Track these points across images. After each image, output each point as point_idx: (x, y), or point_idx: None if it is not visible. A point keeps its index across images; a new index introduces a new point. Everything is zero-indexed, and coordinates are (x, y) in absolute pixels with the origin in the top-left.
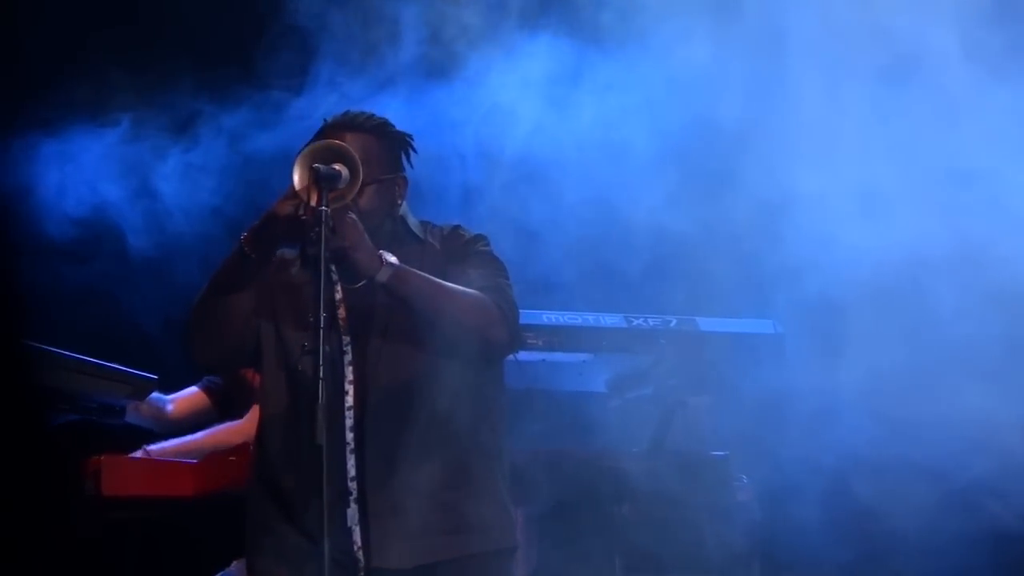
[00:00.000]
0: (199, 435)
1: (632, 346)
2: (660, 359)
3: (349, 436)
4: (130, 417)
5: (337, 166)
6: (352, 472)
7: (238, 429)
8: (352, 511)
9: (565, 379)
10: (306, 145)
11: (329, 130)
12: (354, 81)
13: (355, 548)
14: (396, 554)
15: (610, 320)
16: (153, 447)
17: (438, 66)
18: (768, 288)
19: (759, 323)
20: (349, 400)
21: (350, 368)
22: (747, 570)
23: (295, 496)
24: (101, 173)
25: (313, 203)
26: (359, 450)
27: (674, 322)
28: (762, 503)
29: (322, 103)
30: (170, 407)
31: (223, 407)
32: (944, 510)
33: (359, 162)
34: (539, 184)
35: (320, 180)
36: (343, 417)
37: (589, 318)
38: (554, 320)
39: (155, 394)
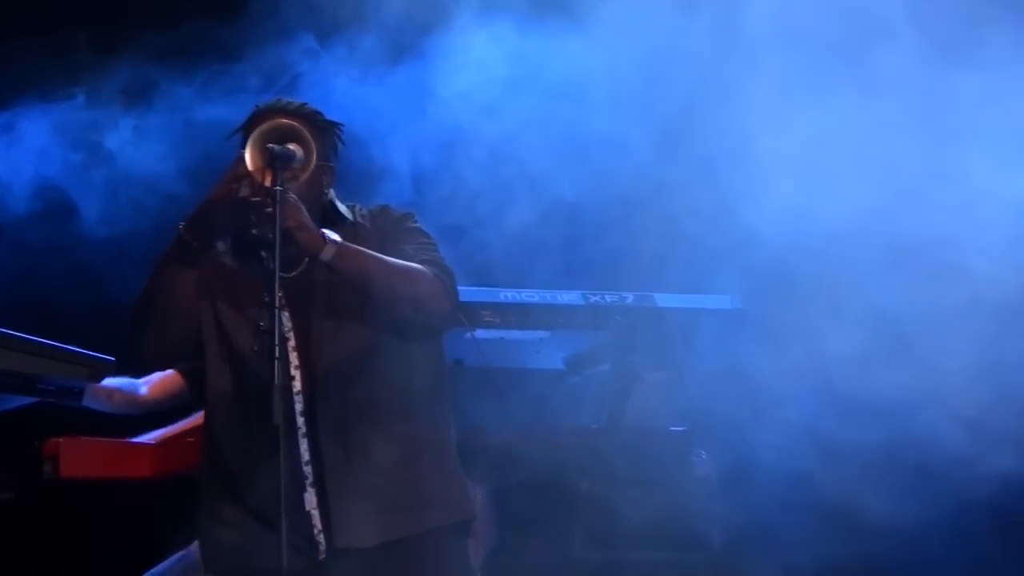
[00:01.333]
0: (180, 424)
1: (589, 323)
2: (617, 335)
3: (300, 420)
4: (102, 406)
5: (291, 146)
6: (306, 456)
7: None
8: (309, 495)
9: (523, 356)
10: (241, 129)
11: (262, 115)
12: (318, 59)
13: (315, 532)
14: (358, 533)
15: (567, 297)
16: (136, 440)
17: (398, 48)
18: (725, 262)
19: (717, 298)
20: (297, 384)
21: (295, 353)
22: (707, 545)
23: (248, 484)
24: (54, 147)
25: (268, 183)
26: (311, 433)
27: (631, 298)
28: (721, 478)
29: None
30: (144, 390)
31: (199, 387)
32: (903, 482)
33: (313, 142)
34: (494, 163)
35: (275, 160)
36: (292, 401)
37: (546, 295)
38: (511, 298)
39: (127, 380)
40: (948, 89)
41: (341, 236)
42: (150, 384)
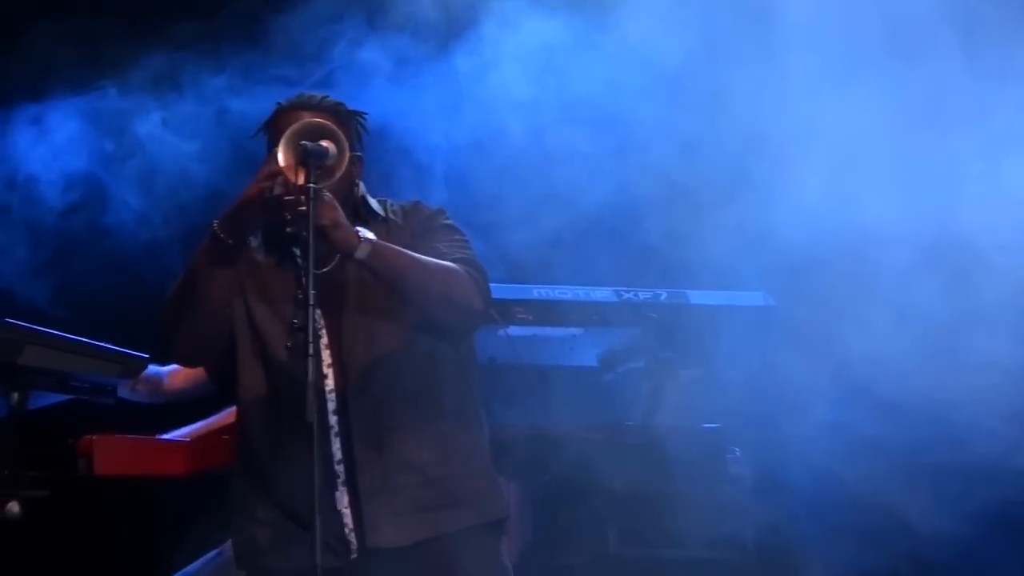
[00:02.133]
0: (211, 419)
1: (623, 319)
2: (651, 332)
3: (333, 419)
4: (125, 393)
5: (324, 143)
6: (338, 455)
7: None
8: (340, 494)
9: (556, 353)
10: (265, 126)
11: (285, 111)
12: (356, 52)
13: (346, 531)
14: (390, 533)
15: (600, 294)
16: (166, 437)
17: (430, 44)
18: (755, 259)
19: (749, 295)
20: (330, 383)
21: (327, 351)
22: (740, 543)
23: (280, 482)
24: (84, 138)
25: (300, 181)
26: (344, 432)
27: (664, 295)
28: (755, 475)
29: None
30: (167, 379)
31: (220, 377)
32: (939, 480)
33: (345, 138)
34: (526, 159)
35: (308, 157)
36: (325, 400)
37: (579, 292)
38: (545, 295)
39: (151, 369)
40: (984, 91)
41: (374, 232)
42: (173, 373)
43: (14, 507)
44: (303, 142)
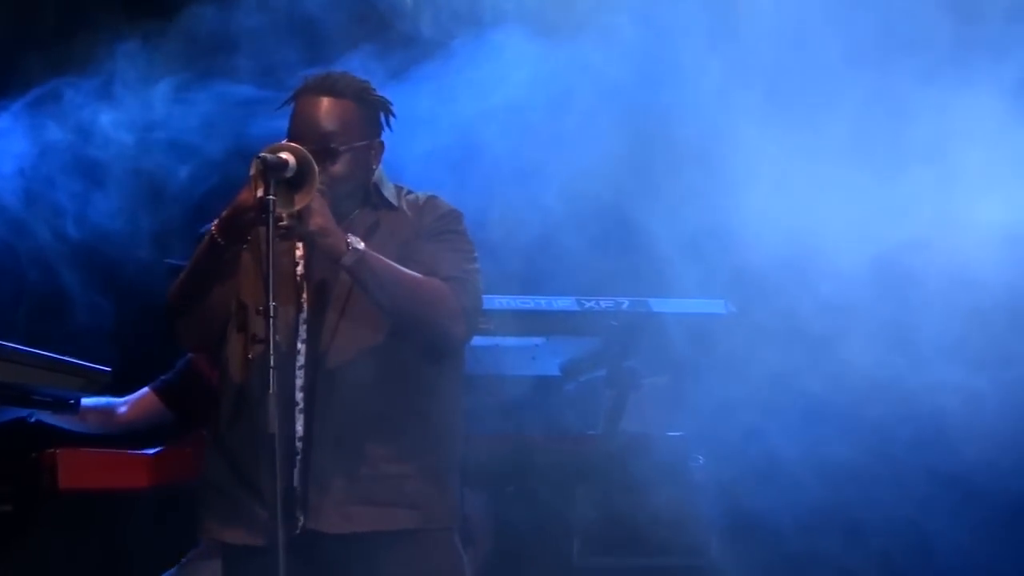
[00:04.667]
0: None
1: (584, 329)
2: (613, 341)
3: (299, 396)
4: (74, 425)
5: (284, 155)
6: (300, 432)
7: None
8: (297, 471)
9: (518, 363)
10: (291, 101)
11: (307, 92)
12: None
13: (296, 508)
14: (330, 519)
15: (562, 303)
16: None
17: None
18: (718, 266)
19: (710, 303)
20: (300, 359)
21: (304, 327)
22: (704, 550)
23: (243, 455)
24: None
25: (260, 193)
26: (308, 410)
27: (626, 304)
28: (718, 483)
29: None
30: (122, 409)
31: (177, 407)
32: (901, 484)
33: (315, 166)
34: (485, 168)
35: (267, 170)
36: (293, 377)
37: (541, 301)
38: (505, 304)
39: (104, 399)
40: (935, 111)
41: (380, 220)
42: (128, 404)
43: None
44: (262, 154)
